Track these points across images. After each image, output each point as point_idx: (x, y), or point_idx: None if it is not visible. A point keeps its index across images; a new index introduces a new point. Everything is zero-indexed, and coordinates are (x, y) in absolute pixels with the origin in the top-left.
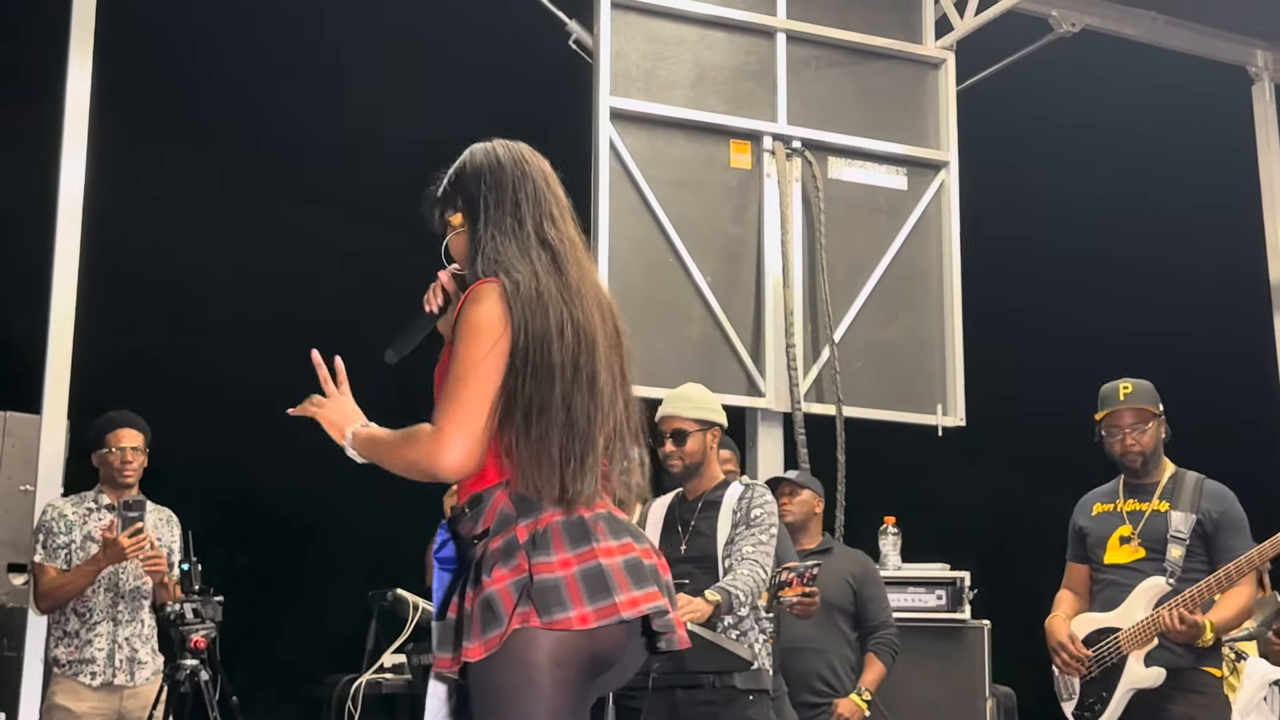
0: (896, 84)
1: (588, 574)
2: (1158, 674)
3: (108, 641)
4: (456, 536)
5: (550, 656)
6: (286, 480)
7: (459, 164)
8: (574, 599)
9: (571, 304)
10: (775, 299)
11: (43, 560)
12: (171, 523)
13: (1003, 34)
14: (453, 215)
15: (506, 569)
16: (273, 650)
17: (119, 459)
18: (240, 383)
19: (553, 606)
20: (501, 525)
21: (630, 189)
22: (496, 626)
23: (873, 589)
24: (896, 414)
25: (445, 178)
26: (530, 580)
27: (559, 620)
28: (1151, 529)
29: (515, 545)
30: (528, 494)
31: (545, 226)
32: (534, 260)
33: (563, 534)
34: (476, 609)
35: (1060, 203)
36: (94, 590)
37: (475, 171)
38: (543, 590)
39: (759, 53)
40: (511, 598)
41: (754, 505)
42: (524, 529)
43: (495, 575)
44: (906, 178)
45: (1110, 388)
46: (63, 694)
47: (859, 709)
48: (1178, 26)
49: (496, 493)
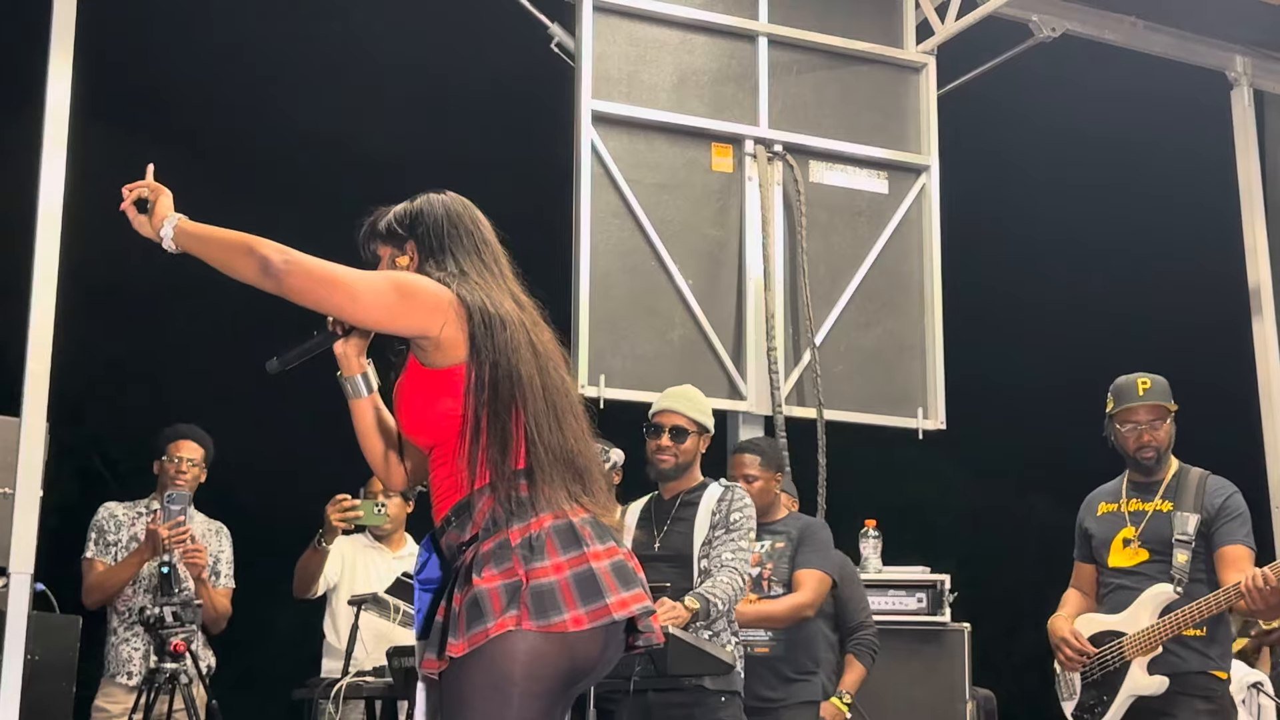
0: (878, 88)
1: (580, 577)
2: (1160, 682)
3: (143, 642)
4: (439, 549)
5: (525, 671)
6: (266, 481)
7: (414, 207)
8: (568, 602)
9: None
10: (756, 302)
11: (93, 556)
12: (221, 534)
13: (984, 39)
14: (397, 254)
15: (498, 570)
16: (254, 653)
17: (174, 468)
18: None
19: (548, 610)
20: (492, 528)
21: (612, 192)
22: (481, 624)
23: (851, 589)
24: (877, 417)
25: (391, 213)
26: (525, 585)
27: (555, 623)
28: (1153, 530)
29: (508, 548)
30: (519, 494)
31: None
32: (509, 298)
33: (555, 538)
34: (464, 607)
35: (1041, 207)
36: (134, 590)
37: (430, 215)
38: (539, 594)
39: (741, 56)
40: (500, 599)
41: (733, 509)
42: (517, 532)
43: (485, 575)
44: (888, 182)
45: (1128, 382)
46: (102, 695)
47: (840, 712)
48: (1157, 32)
49: (484, 497)
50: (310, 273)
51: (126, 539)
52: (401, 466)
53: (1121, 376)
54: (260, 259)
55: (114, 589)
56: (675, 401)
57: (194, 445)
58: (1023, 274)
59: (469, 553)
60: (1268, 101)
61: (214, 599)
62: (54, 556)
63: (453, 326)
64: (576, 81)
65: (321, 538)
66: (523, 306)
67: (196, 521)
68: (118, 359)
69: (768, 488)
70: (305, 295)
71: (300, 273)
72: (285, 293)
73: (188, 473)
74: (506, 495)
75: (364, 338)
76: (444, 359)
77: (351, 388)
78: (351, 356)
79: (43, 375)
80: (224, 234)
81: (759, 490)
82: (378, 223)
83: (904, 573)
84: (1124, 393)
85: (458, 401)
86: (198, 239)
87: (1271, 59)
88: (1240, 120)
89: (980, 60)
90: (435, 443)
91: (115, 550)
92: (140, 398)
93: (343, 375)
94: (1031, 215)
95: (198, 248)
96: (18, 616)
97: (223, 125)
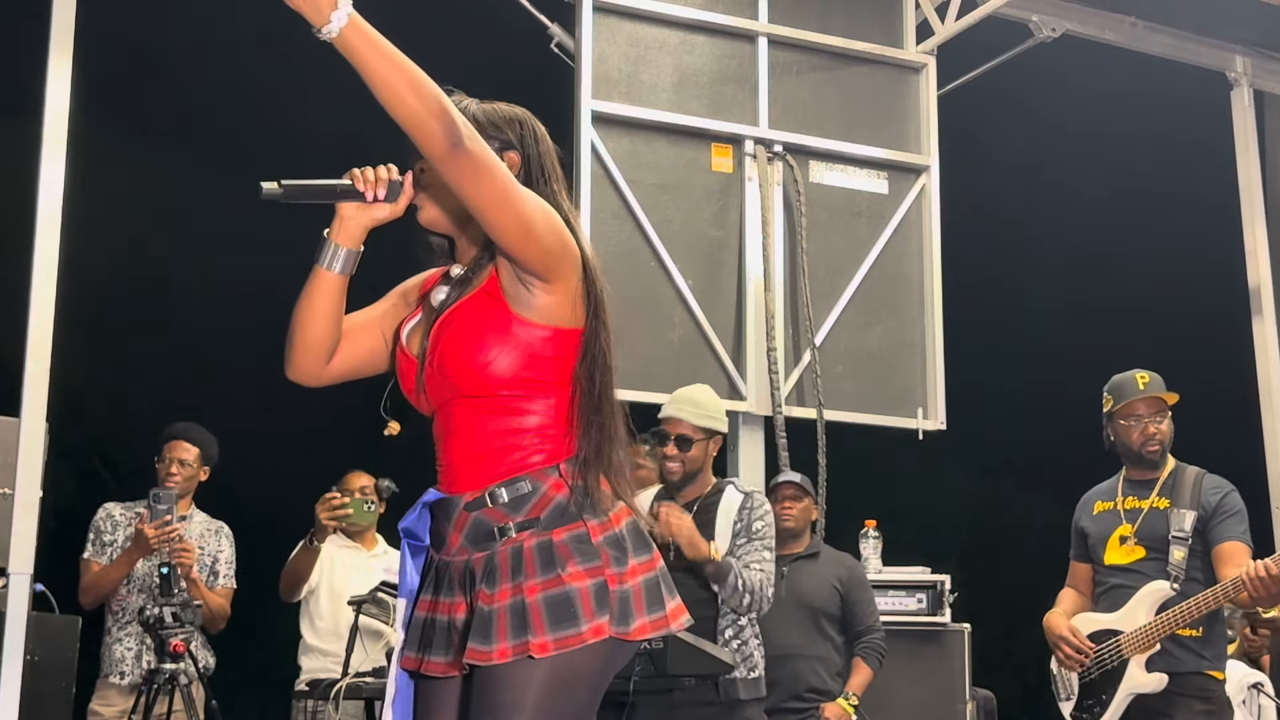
0: (878, 88)
1: (649, 584)
2: (1159, 679)
3: (136, 643)
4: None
5: (599, 673)
6: (266, 481)
7: (516, 113)
8: (638, 609)
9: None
10: (756, 303)
11: (89, 556)
12: (221, 533)
13: (983, 39)
14: (506, 151)
15: (583, 567)
16: (252, 653)
17: (165, 469)
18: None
19: (629, 617)
20: (559, 518)
21: (612, 192)
22: (574, 627)
23: (860, 592)
24: (877, 417)
25: (493, 107)
26: (611, 588)
27: (632, 630)
28: (1149, 528)
29: (589, 543)
30: (587, 483)
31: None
32: None
33: (630, 538)
34: (544, 602)
35: (1040, 207)
36: (128, 590)
37: (530, 129)
38: (624, 599)
39: (740, 57)
40: (590, 601)
41: (755, 518)
42: (597, 528)
43: (572, 571)
44: (887, 182)
45: (1126, 378)
46: (97, 698)
47: (846, 714)
48: (1157, 32)
49: (551, 480)
50: (491, 161)
51: (122, 539)
52: (324, 365)
53: (1117, 375)
54: (448, 118)
55: (107, 589)
56: (679, 408)
57: (187, 445)
58: (1023, 274)
59: (523, 536)
60: (1268, 101)
61: (207, 598)
62: (53, 557)
63: (574, 282)
64: (576, 82)
65: (313, 537)
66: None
67: (197, 521)
68: (118, 359)
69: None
70: (470, 181)
71: (481, 151)
72: (448, 169)
73: (179, 474)
74: (585, 484)
75: (392, 216)
76: (544, 314)
77: (332, 257)
78: (360, 226)
79: (42, 375)
80: (409, 64)
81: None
82: (471, 108)
83: (904, 573)
84: (1123, 389)
85: (546, 361)
86: (374, 45)
87: (1271, 59)
88: (1240, 120)
89: (980, 60)
90: (488, 394)
91: (111, 551)
92: (140, 398)
93: (333, 239)
94: (1032, 215)
95: (368, 54)
96: (17, 617)
97: (222, 126)
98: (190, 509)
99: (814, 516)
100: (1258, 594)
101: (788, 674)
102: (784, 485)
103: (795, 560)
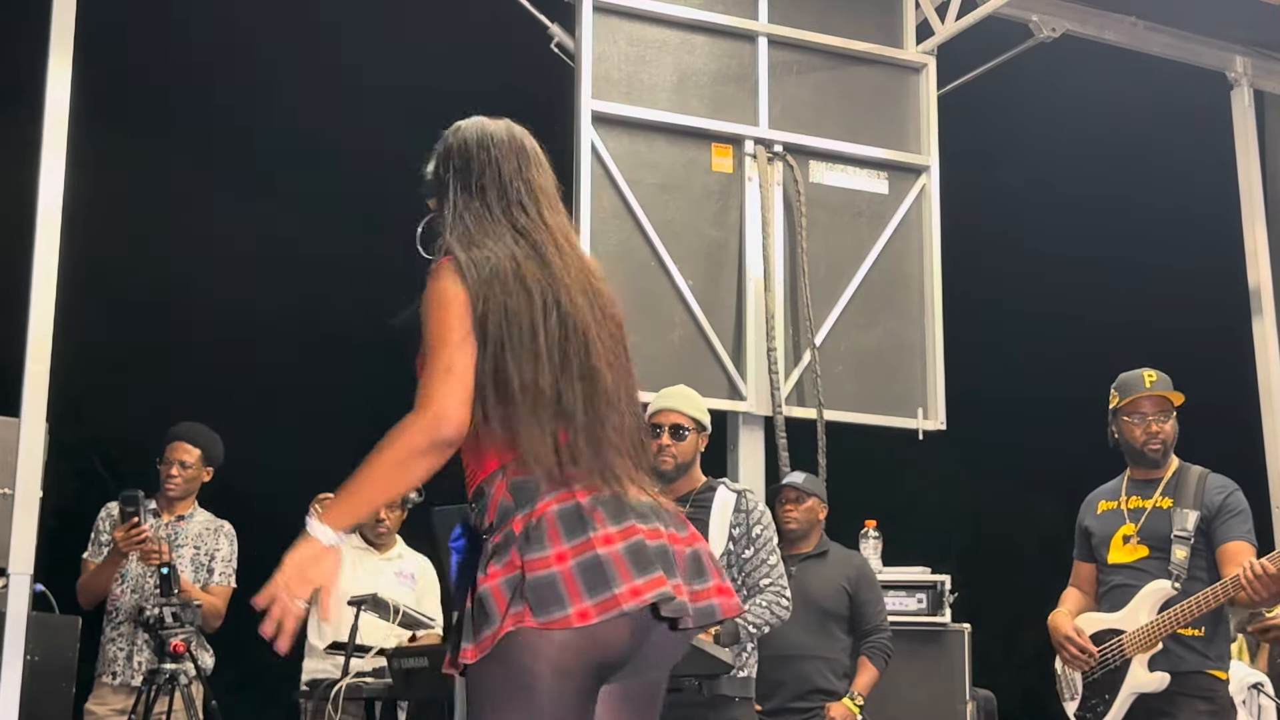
0: (878, 88)
1: (585, 566)
2: (1161, 679)
3: (127, 643)
4: (470, 533)
5: (553, 667)
6: (267, 481)
7: (473, 137)
8: (572, 595)
9: (555, 290)
10: (756, 303)
11: (88, 556)
12: (220, 532)
13: (984, 39)
14: (429, 199)
15: (499, 565)
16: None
17: (165, 470)
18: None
19: (549, 605)
20: (501, 519)
21: (612, 192)
22: (488, 626)
23: (868, 592)
24: (877, 417)
25: (457, 137)
26: (523, 578)
27: (556, 619)
28: (1153, 527)
29: (511, 539)
30: (525, 477)
31: (515, 213)
32: (510, 244)
33: (558, 524)
34: (472, 609)
35: (1040, 206)
36: (122, 590)
37: (445, 154)
38: (537, 588)
39: (741, 57)
40: (504, 596)
41: (753, 522)
42: (519, 521)
43: (490, 572)
44: (888, 182)
45: (1133, 376)
46: (93, 699)
47: (851, 714)
48: (1157, 32)
49: (496, 483)
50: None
51: None
52: None
53: (1124, 372)
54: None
55: (98, 590)
56: (673, 400)
57: (189, 447)
58: (1023, 273)
59: (487, 543)
60: (1268, 102)
61: (198, 597)
62: (53, 557)
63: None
64: (576, 82)
65: None
66: (523, 234)
67: (198, 520)
68: (118, 359)
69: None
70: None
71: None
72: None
73: (179, 475)
74: (515, 478)
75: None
76: None
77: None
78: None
79: (42, 375)
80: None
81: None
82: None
83: (904, 573)
84: (1130, 385)
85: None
86: (361, 506)
87: (1271, 59)
88: (1240, 121)
89: (980, 60)
90: None
91: (106, 550)
92: (140, 398)
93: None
94: (1032, 214)
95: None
96: (17, 617)
97: (223, 127)
98: (192, 508)
99: (821, 515)
100: (1255, 593)
101: (794, 675)
102: (784, 489)
103: (803, 560)
